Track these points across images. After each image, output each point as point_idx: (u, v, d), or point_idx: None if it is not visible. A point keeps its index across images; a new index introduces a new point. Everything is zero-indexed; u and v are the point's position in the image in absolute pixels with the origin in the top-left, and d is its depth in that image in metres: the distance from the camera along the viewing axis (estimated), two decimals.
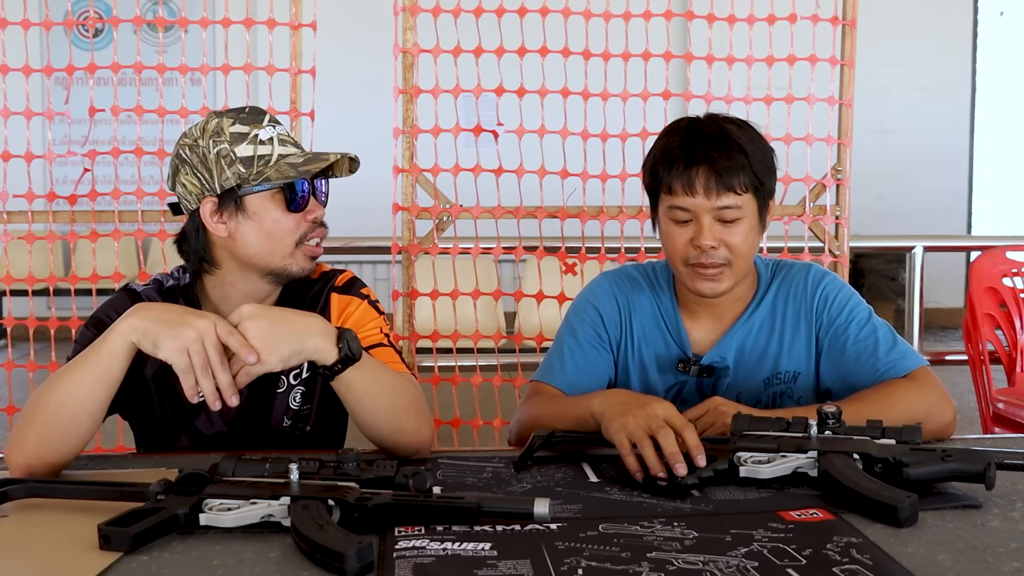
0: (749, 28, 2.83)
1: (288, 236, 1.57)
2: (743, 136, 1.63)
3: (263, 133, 1.56)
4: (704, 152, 1.60)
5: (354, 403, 1.46)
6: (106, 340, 1.38)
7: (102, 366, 1.37)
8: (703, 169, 1.59)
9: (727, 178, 1.59)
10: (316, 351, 1.38)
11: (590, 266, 2.83)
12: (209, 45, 2.80)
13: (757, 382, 1.72)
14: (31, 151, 2.78)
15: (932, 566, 1.08)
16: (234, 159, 1.54)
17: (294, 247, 1.58)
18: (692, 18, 2.90)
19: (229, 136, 1.55)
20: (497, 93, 2.81)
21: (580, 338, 1.75)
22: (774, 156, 1.67)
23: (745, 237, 1.63)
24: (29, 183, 2.75)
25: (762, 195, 1.64)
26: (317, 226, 1.60)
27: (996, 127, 8.02)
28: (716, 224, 1.61)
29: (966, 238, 7.14)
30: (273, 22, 2.76)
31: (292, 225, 1.57)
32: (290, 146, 1.58)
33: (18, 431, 1.41)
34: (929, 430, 1.48)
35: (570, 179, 2.80)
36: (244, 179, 1.54)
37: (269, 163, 1.54)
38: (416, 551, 1.11)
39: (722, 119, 1.66)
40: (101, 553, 1.13)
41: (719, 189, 1.59)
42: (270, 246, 1.57)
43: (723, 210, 1.60)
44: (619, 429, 1.38)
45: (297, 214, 1.57)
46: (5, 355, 3.16)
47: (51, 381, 1.41)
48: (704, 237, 1.61)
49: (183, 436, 1.64)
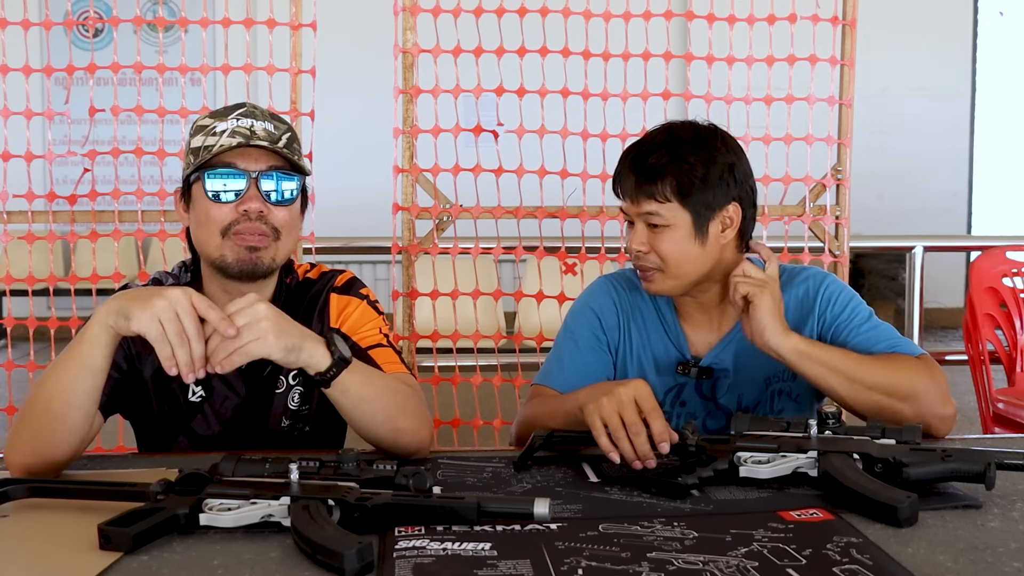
0: (749, 28, 2.83)
1: (213, 225, 1.53)
2: (689, 145, 1.62)
3: (221, 125, 1.54)
4: (635, 158, 1.64)
5: (350, 408, 1.45)
6: (86, 330, 1.38)
7: (83, 355, 1.37)
8: (630, 175, 1.64)
9: (647, 186, 1.62)
10: (311, 355, 1.37)
11: (590, 266, 2.83)
12: (209, 45, 2.80)
13: (758, 383, 1.73)
14: (31, 151, 2.78)
15: (932, 566, 1.08)
16: (188, 150, 1.58)
17: (220, 237, 1.53)
18: (692, 18, 2.90)
19: (193, 128, 1.58)
20: (497, 93, 2.81)
21: (579, 341, 1.76)
22: (730, 170, 1.63)
23: (675, 245, 1.63)
24: (29, 183, 2.75)
25: (695, 206, 1.61)
26: (250, 219, 1.52)
27: (996, 127, 8.02)
28: (646, 229, 1.64)
29: (966, 238, 7.14)
30: (273, 22, 2.76)
31: (218, 215, 1.53)
32: (239, 137, 1.53)
33: (14, 430, 1.42)
34: (926, 413, 1.52)
35: (570, 179, 2.80)
36: (186, 169, 1.57)
37: (209, 153, 1.53)
38: (416, 551, 1.11)
39: (691, 125, 1.67)
40: (101, 553, 1.13)
41: (638, 195, 1.63)
42: (201, 236, 1.56)
43: (648, 215, 1.63)
44: (592, 411, 1.41)
45: (226, 205, 1.52)
46: (5, 355, 3.16)
47: (41, 379, 1.42)
48: (632, 240, 1.66)
49: (181, 437, 1.64)
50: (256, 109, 1.59)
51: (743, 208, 1.66)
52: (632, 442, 1.37)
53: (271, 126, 1.56)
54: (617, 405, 1.39)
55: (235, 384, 1.62)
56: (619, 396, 1.39)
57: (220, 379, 1.60)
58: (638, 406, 1.38)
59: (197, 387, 1.61)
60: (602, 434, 1.39)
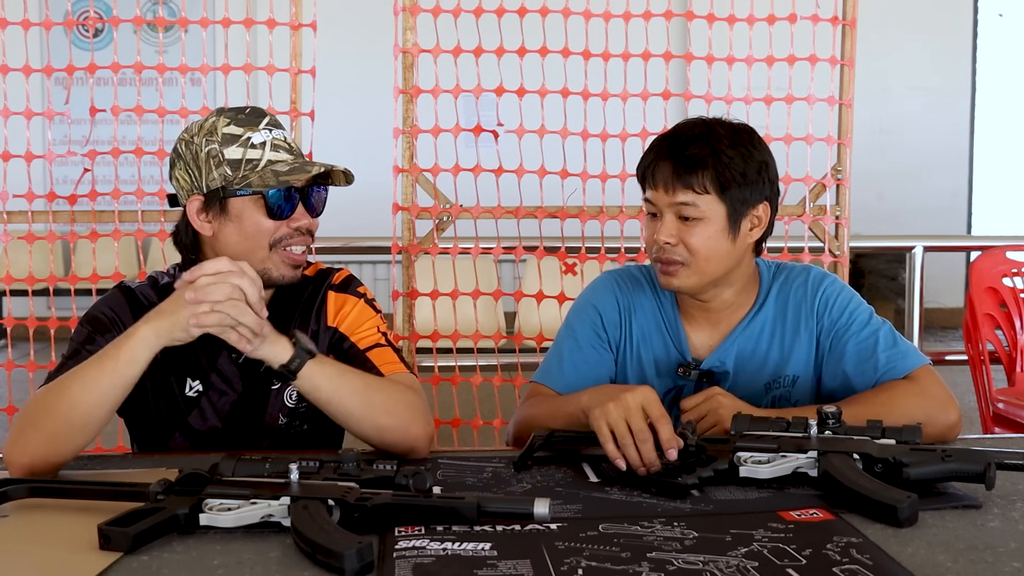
0: (749, 28, 2.83)
1: (263, 239, 1.56)
2: (727, 140, 1.61)
3: (256, 137, 1.56)
4: (671, 147, 1.62)
5: (324, 403, 1.47)
6: (125, 345, 1.39)
7: (119, 371, 1.39)
8: (667, 164, 1.61)
9: (686, 175, 1.59)
10: (272, 346, 1.42)
11: (590, 266, 2.83)
12: (209, 45, 2.80)
13: (758, 387, 1.71)
14: (31, 151, 2.78)
15: (932, 566, 1.08)
16: (222, 160, 1.55)
17: (268, 250, 1.56)
18: (692, 18, 2.90)
19: (221, 137, 1.55)
20: (497, 93, 2.80)
21: (579, 338, 1.75)
22: (765, 169, 1.64)
23: (706, 239, 1.61)
24: (29, 183, 2.75)
25: (732, 201, 1.61)
26: (300, 234, 1.59)
27: (996, 127, 8.02)
28: (677, 221, 1.62)
29: (966, 238, 7.14)
30: (273, 22, 2.76)
31: (271, 229, 1.56)
32: (283, 152, 1.57)
33: (19, 431, 1.41)
34: (931, 433, 1.46)
35: (570, 179, 2.80)
36: (229, 181, 1.54)
37: (256, 168, 1.54)
38: (416, 551, 1.11)
39: (715, 121, 1.66)
40: (101, 553, 1.13)
41: (675, 185, 1.60)
42: (247, 248, 1.56)
43: (682, 207, 1.60)
44: (599, 417, 1.40)
45: (279, 221, 1.56)
46: (5, 355, 3.16)
47: (60, 383, 1.42)
48: (660, 232, 1.62)
49: (177, 434, 1.64)
50: (272, 116, 1.62)
51: (771, 209, 1.67)
52: (639, 450, 1.36)
53: (288, 132, 1.62)
54: (624, 412, 1.37)
55: (232, 380, 1.62)
56: (626, 403, 1.38)
57: (218, 375, 1.61)
58: (645, 413, 1.37)
59: (194, 382, 1.62)
60: (609, 440, 1.38)
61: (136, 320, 1.45)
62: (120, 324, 1.57)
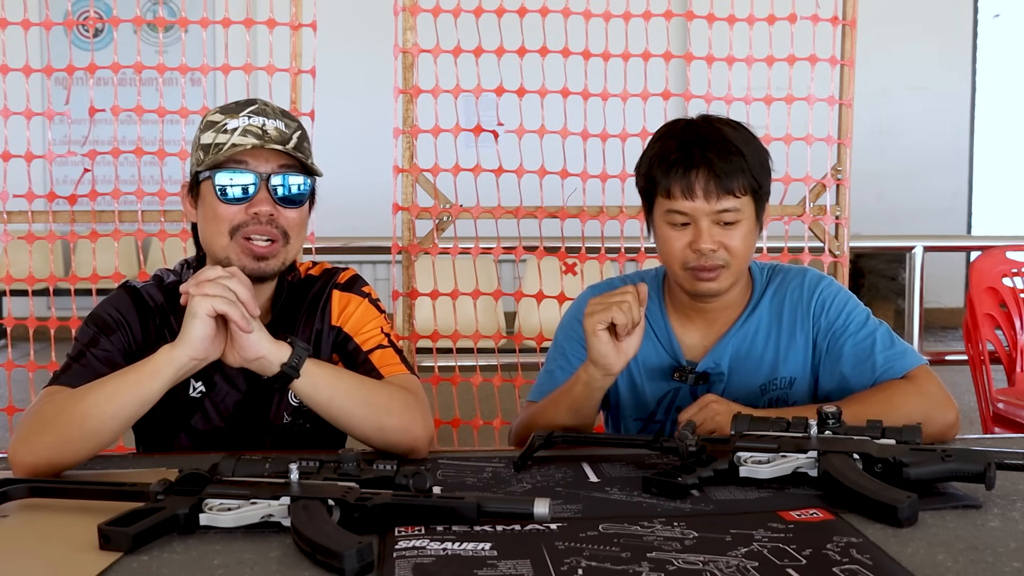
0: (749, 28, 2.83)
1: (222, 224, 1.53)
2: (739, 138, 1.62)
3: (232, 123, 1.54)
4: (703, 155, 1.58)
5: (324, 405, 1.47)
6: (150, 361, 1.40)
7: (143, 387, 1.40)
8: (702, 172, 1.58)
9: (726, 181, 1.58)
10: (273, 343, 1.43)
11: (590, 266, 2.83)
12: (209, 45, 2.80)
13: (753, 388, 1.71)
14: (31, 151, 2.78)
15: (932, 566, 1.08)
16: (198, 146, 1.56)
17: (228, 237, 1.53)
18: (692, 18, 2.90)
19: (204, 124, 1.57)
20: (497, 93, 2.81)
21: (568, 356, 1.75)
22: (769, 158, 1.67)
23: (744, 239, 1.62)
24: (29, 183, 2.75)
25: (759, 197, 1.63)
26: (260, 223, 1.52)
27: (996, 127, 8.02)
28: (715, 227, 1.60)
29: (966, 238, 7.14)
30: (273, 22, 2.76)
31: (227, 215, 1.52)
32: (251, 136, 1.52)
33: (29, 431, 1.41)
34: (929, 433, 1.45)
35: (570, 179, 2.80)
36: (196, 165, 1.56)
37: (221, 151, 1.52)
38: (416, 551, 1.11)
39: (716, 121, 1.65)
40: (101, 553, 1.13)
41: (719, 192, 1.58)
42: (209, 234, 1.56)
43: (722, 213, 1.59)
44: (586, 317, 1.53)
45: (234, 205, 1.52)
46: (5, 355, 3.16)
47: (78, 393, 1.42)
48: (703, 241, 1.60)
49: (182, 434, 1.64)
50: (267, 106, 1.58)
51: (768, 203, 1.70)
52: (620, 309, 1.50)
53: (282, 124, 1.55)
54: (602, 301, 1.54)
55: (236, 380, 1.62)
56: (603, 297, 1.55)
57: (221, 374, 1.61)
58: None
59: (197, 382, 1.61)
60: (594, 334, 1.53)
61: (141, 321, 1.45)
62: (125, 324, 1.57)
